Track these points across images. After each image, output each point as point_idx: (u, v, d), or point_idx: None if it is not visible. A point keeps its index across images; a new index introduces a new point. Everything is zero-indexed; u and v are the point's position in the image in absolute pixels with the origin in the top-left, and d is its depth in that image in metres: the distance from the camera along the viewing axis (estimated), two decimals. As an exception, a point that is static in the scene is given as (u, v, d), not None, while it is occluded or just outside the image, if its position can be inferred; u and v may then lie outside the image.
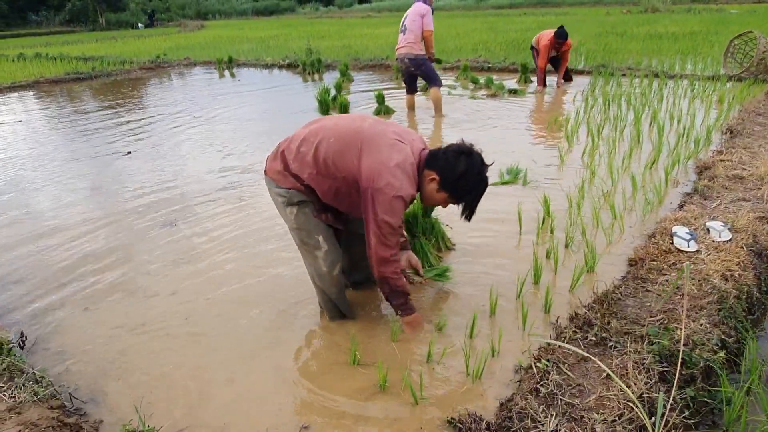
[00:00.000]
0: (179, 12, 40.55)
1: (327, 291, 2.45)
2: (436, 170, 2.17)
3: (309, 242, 2.33)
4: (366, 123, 2.22)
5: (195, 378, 2.22)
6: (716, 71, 7.98)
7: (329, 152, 2.14)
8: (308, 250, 2.36)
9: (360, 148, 2.11)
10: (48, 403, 1.98)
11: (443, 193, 2.20)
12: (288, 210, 2.28)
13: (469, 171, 2.15)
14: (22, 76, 11.63)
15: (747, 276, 2.60)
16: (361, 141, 2.13)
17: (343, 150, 2.13)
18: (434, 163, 2.18)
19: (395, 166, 2.08)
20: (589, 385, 1.95)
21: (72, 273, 3.14)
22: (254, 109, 7.67)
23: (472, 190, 2.21)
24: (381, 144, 2.13)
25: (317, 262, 2.36)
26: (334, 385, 2.15)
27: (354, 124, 2.21)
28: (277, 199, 2.31)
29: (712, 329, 2.22)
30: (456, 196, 2.22)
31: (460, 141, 2.24)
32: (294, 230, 2.34)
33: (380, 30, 19.15)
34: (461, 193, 2.21)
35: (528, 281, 2.74)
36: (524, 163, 4.47)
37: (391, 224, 2.10)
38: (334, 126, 2.22)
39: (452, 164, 2.15)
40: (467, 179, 2.16)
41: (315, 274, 2.42)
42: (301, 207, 2.27)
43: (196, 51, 15.49)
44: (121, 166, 5.22)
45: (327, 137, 2.17)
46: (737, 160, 4.05)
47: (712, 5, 23.88)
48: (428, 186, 2.20)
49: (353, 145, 2.13)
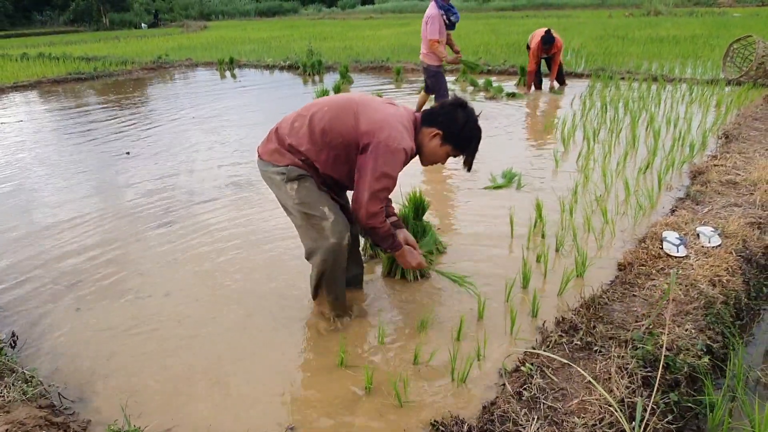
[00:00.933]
0: (182, 12, 40.66)
1: (333, 263, 2.35)
2: (436, 125, 2.28)
3: (314, 214, 2.28)
4: (356, 95, 2.35)
5: (184, 379, 2.24)
6: (716, 75, 7.99)
7: (324, 119, 2.21)
8: (314, 224, 2.29)
9: (356, 111, 2.20)
10: (37, 403, 2.00)
11: (447, 146, 2.31)
12: (288, 186, 2.27)
13: (468, 121, 2.28)
14: (25, 76, 11.69)
15: (735, 281, 2.61)
16: (356, 104, 2.22)
17: (339, 115, 2.20)
18: (434, 119, 2.29)
19: (395, 121, 2.19)
20: (572, 389, 1.96)
21: (66, 273, 3.17)
22: (253, 110, 7.70)
23: (474, 138, 2.32)
24: (376, 104, 2.24)
25: (324, 233, 2.29)
26: (321, 386, 2.18)
27: (344, 95, 2.34)
28: (275, 179, 2.29)
29: (698, 334, 2.23)
30: (460, 148, 2.32)
31: (452, 96, 2.39)
32: (297, 206, 2.28)
33: (382, 32, 19.19)
34: (464, 144, 2.32)
35: (517, 285, 2.76)
36: (519, 167, 4.49)
37: (391, 177, 2.17)
38: (326, 100, 2.32)
39: (452, 117, 2.27)
40: (468, 129, 2.29)
41: (321, 248, 2.31)
42: (302, 181, 2.27)
43: (198, 51, 15.54)
44: (119, 166, 5.25)
45: (320, 108, 2.25)
46: (731, 165, 4.06)
47: (715, 8, 23.86)
48: (431, 143, 2.30)
49: (348, 108, 2.21)
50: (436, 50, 5.71)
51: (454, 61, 5.93)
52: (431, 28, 5.65)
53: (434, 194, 4.20)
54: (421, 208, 3.11)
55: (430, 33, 5.66)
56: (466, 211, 3.80)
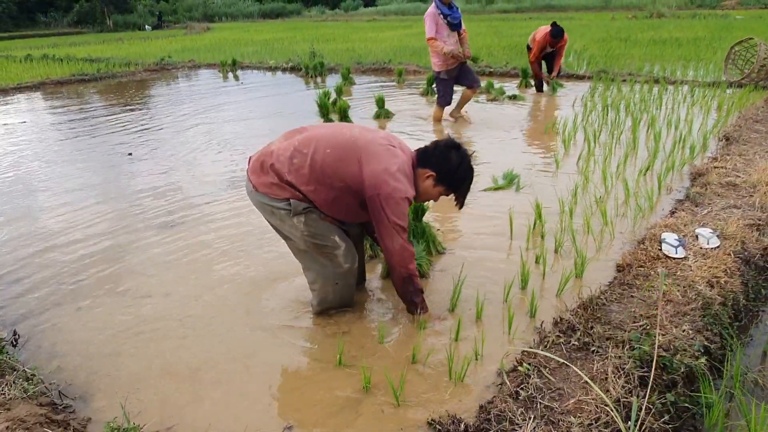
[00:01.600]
0: (186, 14, 40.81)
1: (346, 285, 2.48)
2: (430, 167, 2.33)
3: (326, 244, 2.35)
4: (355, 131, 2.32)
5: (184, 378, 2.26)
6: (717, 77, 7.98)
7: (327, 161, 2.22)
8: (326, 253, 2.37)
9: (359, 158, 2.21)
10: (37, 401, 2.02)
11: (440, 187, 2.37)
12: (295, 220, 2.28)
13: (462, 164, 2.34)
14: (29, 77, 11.75)
15: (733, 283, 2.61)
16: (359, 150, 2.23)
17: (342, 158, 2.22)
18: (428, 161, 2.34)
19: (397, 171, 2.22)
20: (569, 389, 1.97)
21: (67, 272, 3.19)
22: (255, 112, 7.72)
23: (466, 180, 2.39)
24: (378, 152, 2.24)
25: (336, 260, 2.38)
26: (320, 385, 2.19)
27: (344, 133, 2.31)
28: (279, 213, 2.30)
29: (695, 335, 2.24)
30: (452, 188, 2.39)
31: (445, 137, 2.44)
32: (306, 237, 2.32)
33: (385, 34, 19.23)
34: (457, 185, 2.39)
35: (515, 286, 2.77)
36: (519, 169, 4.50)
37: (403, 226, 2.26)
38: (326, 136, 2.29)
39: (446, 159, 2.33)
40: (462, 171, 2.35)
41: (333, 274, 2.42)
42: (308, 214, 2.29)
43: (201, 53, 15.60)
44: (122, 167, 5.28)
45: (321, 147, 2.24)
46: (731, 167, 4.06)
47: (718, 11, 23.84)
48: (424, 183, 2.35)
49: (351, 154, 2.22)
50: (432, 46, 5.73)
51: (456, 56, 5.74)
52: (426, 27, 5.71)
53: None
54: (421, 209, 3.13)
55: (427, 31, 5.71)
56: (466, 212, 3.81)
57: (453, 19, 5.72)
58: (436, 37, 5.71)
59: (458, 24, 5.78)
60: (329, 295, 2.52)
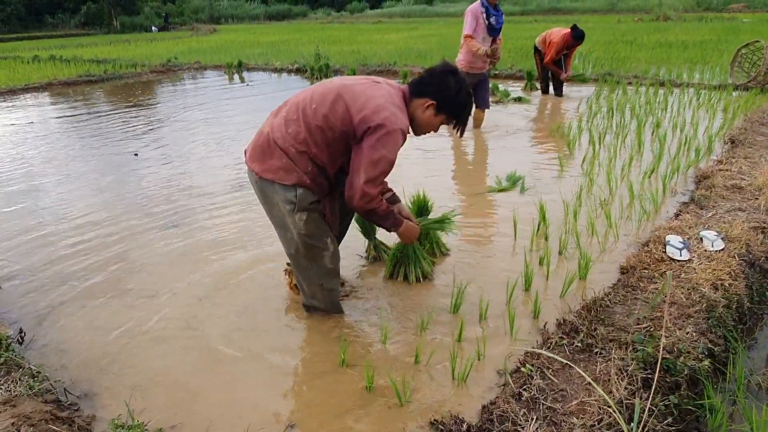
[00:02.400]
0: (192, 16, 41.01)
1: (330, 286, 2.49)
2: (429, 96, 2.23)
3: (317, 245, 2.34)
4: (335, 81, 2.24)
5: (188, 377, 2.27)
6: (723, 80, 7.96)
7: (317, 116, 2.14)
8: (315, 254, 2.36)
9: (345, 101, 2.12)
10: (42, 398, 2.03)
11: (441, 115, 2.27)
12: (297, 216, 2.24)
13: (462, 89, 2.24)
14: (36, 78, 11.83)
15: (738, 285, 2.60)
16: (342, 94, 2.14)
17: (329, 107, 2.13)
18: (424, 89, 2.24)
19: (387, 102, 2.13)
20: (572, 391, 1.97)
21: (73, 271, 3.21)
22: (261, 113, 7.75)
23: (467, 105, 2.30)
24: (362, 89, 2.16)
25: (323, 261, 2.39)
26: (322, 385, 2.20)
27: (325, 85, 2.23)
28: (285, 207, 2.24)
29: (699, 338, 2.23)
30: (453, 115, 2.29)
31: (440, 62, 2.34)
32: (302, 236, 2.29)
33: (390, 36, 19.27)
34: (459, 111, 2.29)
35: (519, 287, 2.77)
36: (524, 170, 4.50)
37: (391, 160, 2.13)
38: (308, 95, 2.22)
39: (445, 86, 2.22)
40: (462, 96, 2.25)
41: (318, 274, 2.43)
42: (311, 212, 2.26)
43: (208, 55, 15.67)
44: (128, 166, 5.31)
45: (308, 106, 2.17)
46: (736, 170, 4.05)
47: (724, 14, 23.76)
48: (424, 114, 2.25)
49: (336, 100, 2.13)
50: (468, 44, 5.27)
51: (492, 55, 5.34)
52: (466, 24, 5.26)
53: (438, 196, 4.18)
54: (425, 209, 3.13)
55: (466, 27, 5.28)
56: (470, 213, 3.82)
57: (496, 23, 5.34)
58: (474, 36, 5.33)
59: (498, 30, 5.40)
60: (317, 294, 2.53)
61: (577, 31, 7.19)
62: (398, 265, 2.95)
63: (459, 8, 35.47)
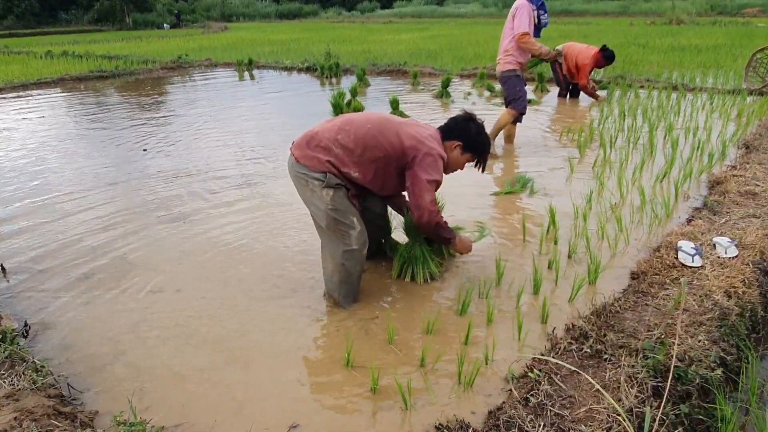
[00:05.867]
0: (204, 13, 41.16)
1: (352, 269, 2.61)
2: (456, 138, 2.69)
3: (344, 221, 2.54)
4: (387, 115, 2.72)
5: (192, 376, 2.25)
6: (738, 85, 7.86)
7: (369, 134, 2.52)
8: (341, 230, 2.55)
9: (397, 131, 2.55)
10: (46, 392, 2.02)
11: (467, 155, 2.73)
12: (324, 192, 2.50)
13: (481, 132, 2.73)
14: (48, 73, 11.90)
15: (751, 293, 2.55)
16: (395, 125, 2.58)
17: (382, 131, 2.53)
18: (452, 134, 2.71)
19: (430, 137, 2.60)
20: (580, 397, 1.93)
21: (79, 266, 3.21)
22: (270, 111, 7.75)
23: (486, 145, 2.77)
24: (411, 124, 2.64)
25: (349, 239, 2.56)
26: (327, 386, 2.17)
27: (379, 115, 2.68)
28: (312, 182, 2.51)
29: (711, 346, 2.19)
30: (477, 153, 2.74)
31: (461, 111, 2.80)
32: (329, 211, 2.51)
33: (401, 36, 19.23)
34: (480, 150, 2.75)
35: (527, 290, 2.74)
36: (533, 173, 4.45)
37: (438, 181, 2.58)
38: (363, 116, 2.63)
39: (468, 129, 2.70)
40: (482, 137, 2.73)
41: (343, 252, 2.56)
42: (337, 190, 2.52)
43: (218, 52, 15.71)
44: (136, 162, 5.32)
45: (362, 123, 2.55)
46: (751, 175, 3.99)
47: (739, 18, 23.52)
48: (452, 153, 2.71)
49: (390, 127, 2.56)
50: (527, 44, 4.79)
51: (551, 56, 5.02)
52: (519, 20, 4.72)
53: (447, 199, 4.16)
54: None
55: (517, 25, 4.74)
56: (479, 216, 3.78)
57: (542, 21, 4.98)
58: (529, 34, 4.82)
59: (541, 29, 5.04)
60: (335, 276, 2.63)
61: (607, 52, 7.12)
62: (406, 265, 2.92)
63: (469, 9, 35.39)
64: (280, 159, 5.12)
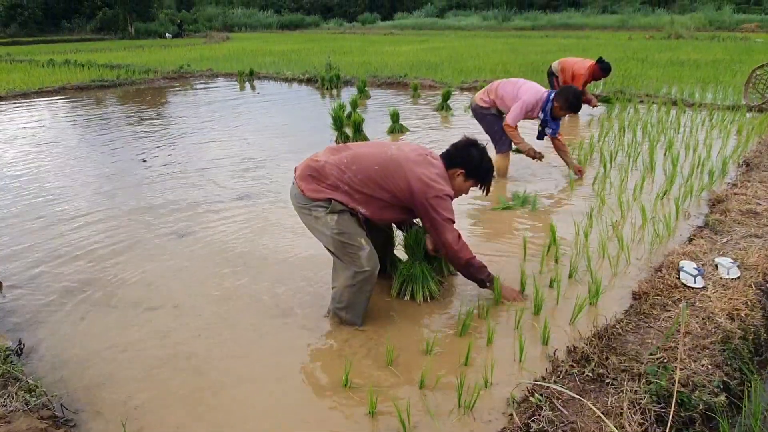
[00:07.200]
0: (206, 24, 41.35)
1: (362, 291, 2.58)
2: (458, 166, 2.67)
3: (352, 244, 2.52)
4: (393, 150, 2.62)
5: (186, 396, 2.22)
6: (737, 101, 7.88)
7: (376, 176, 2.52)
8: (350, 252, 2.53)
9: (404, 174, 2.52)
10: (38, 413, 1.99)
11: (470, 181, 2.72)
12: (329, 217, 2.51)
13: (484, 157, 2.70)
14: (50, 82, 11.92)
15: (754, 316, 2.53)
16: (402, 167, 2.53)
17: (389, 175, 2.52)
18: (455, 162, 2.68)
19: (437, 176, 2.58)
20: (582, 423, 1.90)
21: (75, 281, 3.18)
22: (270, 122, 7.76)
23: (489, 170, 2.75)
24: (418, 163, 2.57)
25: (359, 261, 2.53)
26: (325, 407, 2.14)
27: (385, 152, 2.59)
28: (317, 210, 2.53)
29: (714, 370, 2.16)
30: (480, 179, 2.74)
31: (462, 137, 2.77)
32: (336, 235, 2.50)
33: (401, 47, 19.32)
34: (483, 176, 2.73)
35: (528, 311, 2.71)
36: (532, 189, 4.44)
37: (452, 219, 2.59)
38: (370, 155, 2.58)
39: (470, 156, 2.68)
40: (485, 163, 2.71)
41: (354, 273, 2.53)
42: (342, 214, 2.52)
43: (220, 62, 15.76)
44: (135, 173, 5.30)
45: (369, 164, 2.53)
46: (752, 194, 3.97)
47: (737, 33, 23.66)
48: (456, 180, 2.69)
49: (397, 170, 2.52)
50: (511, 135, 4.67)
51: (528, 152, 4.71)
52: (515, 113, 4.53)
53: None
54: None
55: (509, 117, 4.58)
56: (479, 233, 3.76)
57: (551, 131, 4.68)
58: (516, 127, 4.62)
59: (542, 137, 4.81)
60: (344, 296, 2.60)
61: (604, 64, 7.14)
62: (405, 283, 2.90)
63: (469, 22, 35.62)
64: (281, 172, 5.11)
